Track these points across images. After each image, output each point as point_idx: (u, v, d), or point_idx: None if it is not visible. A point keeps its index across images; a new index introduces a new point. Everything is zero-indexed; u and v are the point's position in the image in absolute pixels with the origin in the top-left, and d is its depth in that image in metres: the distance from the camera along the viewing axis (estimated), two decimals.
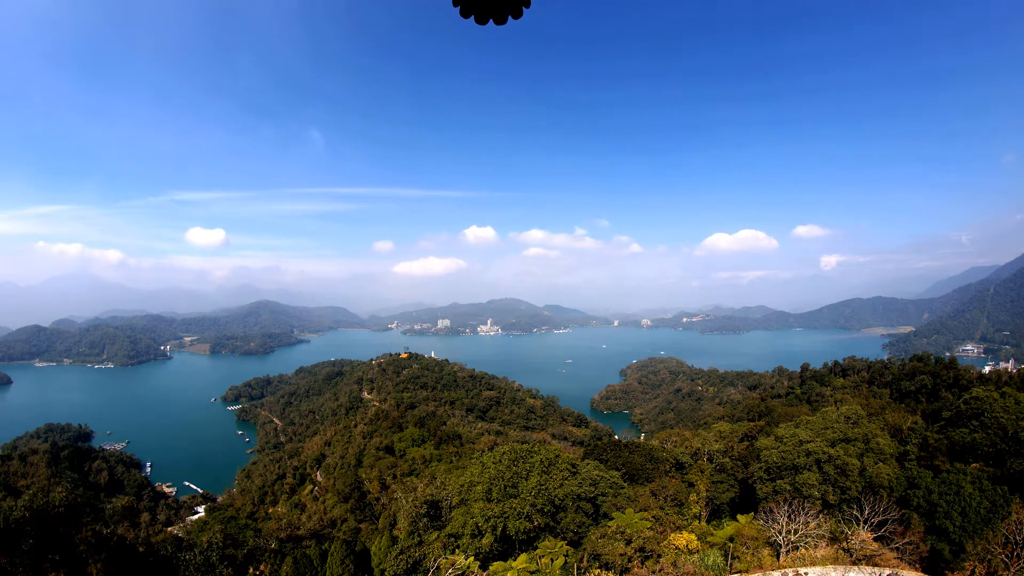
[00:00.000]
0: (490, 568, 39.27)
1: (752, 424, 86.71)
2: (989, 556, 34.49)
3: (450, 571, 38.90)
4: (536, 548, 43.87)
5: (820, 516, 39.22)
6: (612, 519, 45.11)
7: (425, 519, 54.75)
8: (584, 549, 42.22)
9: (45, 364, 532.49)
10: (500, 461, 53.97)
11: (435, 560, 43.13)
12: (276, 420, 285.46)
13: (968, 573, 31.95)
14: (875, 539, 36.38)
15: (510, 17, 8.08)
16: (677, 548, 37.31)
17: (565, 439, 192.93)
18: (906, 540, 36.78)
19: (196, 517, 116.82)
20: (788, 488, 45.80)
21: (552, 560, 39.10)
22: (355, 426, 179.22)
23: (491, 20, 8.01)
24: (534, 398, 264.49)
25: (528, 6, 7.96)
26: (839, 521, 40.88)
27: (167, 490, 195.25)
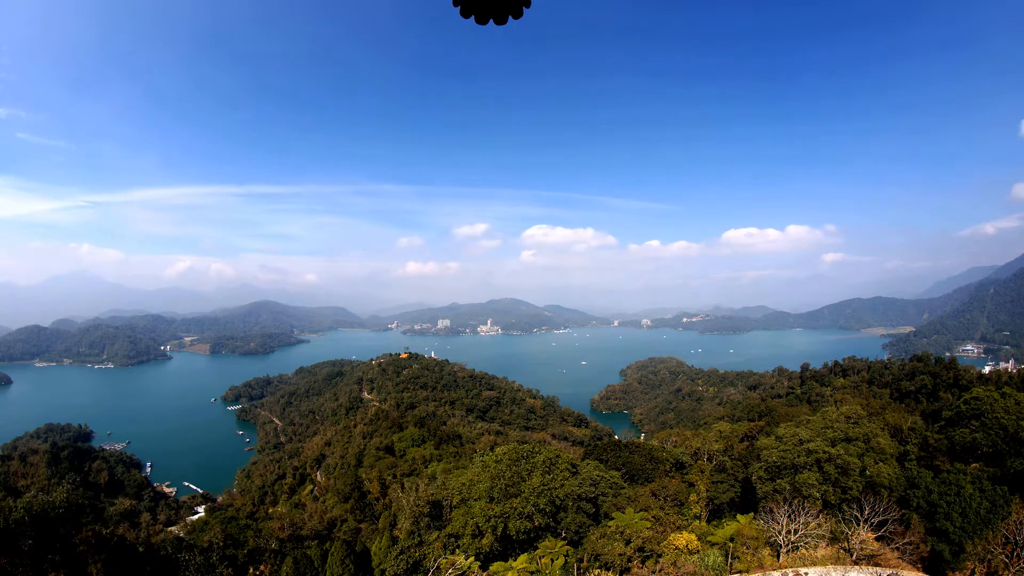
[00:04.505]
0: (490, 568, 39.30)
1: (752, 424, 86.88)
2: (989, 556, 34.54)
3: (450, 571, 38.95)
4: (536, 548, 43.88)
5: (820, 516, 39.22)
6: (612, 519, 45.12)
7: (425, 519, 54.76)
8: (584, 549, 42.23)
9: (45, 364, 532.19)
10: (501, 461, 54.03)
11: (435, 560, 43.16)
12: (276, 420, 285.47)
13: (968, 573, 31.97)
14: (876, 539, 36.40)
15: (510, 17, 8.08)
16: (677, 548, 37.32)
17: (565, 439, 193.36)
18: (906, 540, 36.79)
19: (196, 517, 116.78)
20: (788, 488, 45.80)
21: (552, 560, 39.12)
22: (355, 426, 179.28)
23: (491, 20, 8.01)
24: (534, 398, 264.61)
25: (528, 6, 7.96)
26: (839, 521, 40.86)
27: (167, 490, 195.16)
